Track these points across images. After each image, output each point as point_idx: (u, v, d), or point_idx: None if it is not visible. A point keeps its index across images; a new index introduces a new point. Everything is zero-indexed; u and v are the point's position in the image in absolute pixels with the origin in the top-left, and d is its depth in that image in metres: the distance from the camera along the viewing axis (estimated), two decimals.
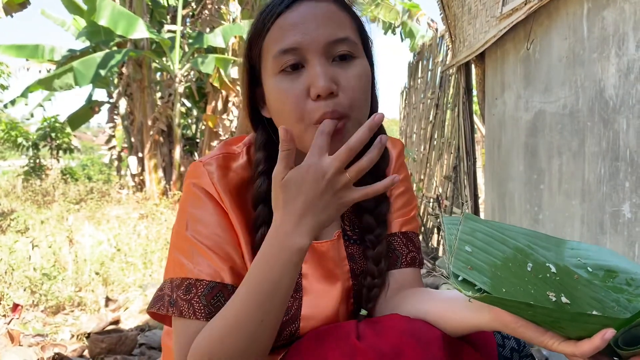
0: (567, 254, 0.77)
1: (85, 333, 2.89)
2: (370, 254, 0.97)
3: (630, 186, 1.70)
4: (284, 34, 0.84)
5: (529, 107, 2.58)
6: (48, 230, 5.58)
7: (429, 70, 5.52)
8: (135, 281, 4.04)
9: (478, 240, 0.75)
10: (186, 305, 0.86)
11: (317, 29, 0.84)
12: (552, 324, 0.67)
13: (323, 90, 0.81)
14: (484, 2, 3.10)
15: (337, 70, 0.84)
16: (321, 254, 0.96)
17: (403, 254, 1.01)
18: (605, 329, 0.62)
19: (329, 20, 0.85)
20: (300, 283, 0.95)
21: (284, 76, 0.84)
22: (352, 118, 0.84)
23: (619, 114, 1.75)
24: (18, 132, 13.07)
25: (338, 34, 0.85)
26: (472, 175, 4.06)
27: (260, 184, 0.91)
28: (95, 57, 8.49)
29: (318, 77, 0.82)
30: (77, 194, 9.60)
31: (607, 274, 0.75)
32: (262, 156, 0.92)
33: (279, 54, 0.84)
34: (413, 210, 1.06)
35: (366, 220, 0.98)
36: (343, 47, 0.85)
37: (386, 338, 0.80)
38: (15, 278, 3.71)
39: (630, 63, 1.68)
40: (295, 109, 0.83)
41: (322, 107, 0.82)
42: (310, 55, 0.83)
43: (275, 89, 0.85)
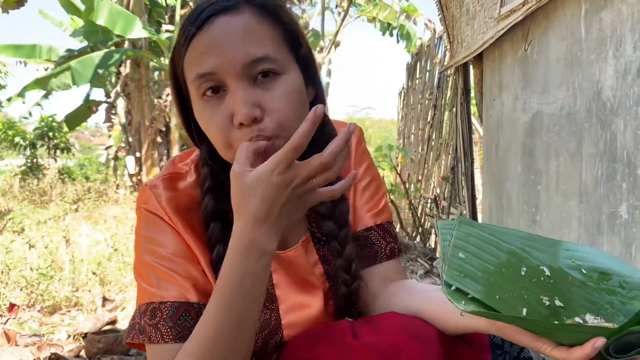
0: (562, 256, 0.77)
1: (82, 333, 2.88)
2: (340, 263, 0.94)
3: (627, 187, 1.70)
4: (199, 56, 0.80)
5: (526, 108, 2.59)
6: (45, 230, 5.57)
7: (427, 71, 5.53)
8: (132, 281, 4.03)
9: (472, 246, 0.75)
10: (153, 331, 0.84)
11: (232, 50, 0.78)
12: (545, 332, 0.68)
13: (245, 118, 0.77)
14: (482, 3, 3.10)
15: (259, 93, 0.79)
16: (289, 261, 0.94)
17: (382, 247, 0.99)
18: (596, 338, 0.63)
19: (245, 38, 0.79)
20: (274, 294, 0.92)
21: (206, 102, 0.81)
22: (283, 137, 0.79)
23: (617, 115, 1.75)
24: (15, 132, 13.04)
25: (256, 53, 0.79)
26: (469, 176, 4.06)
27: (207, 201, 0.88)
28: (93, 57, 8.48)
29: (238, 105, 0.77)
30: (74, 193, 9.58)
31: (601, 276, 0.76)
32: (207, 172, 0.89)
33: (196, 78, 0.80)
34: (383, 198, 1.03)
35: (327, 227, 0.94)
36: (263, 66, 0.79)
37: (383, 336, 0.79)
38: (11, 278, 3.70)
39: (628, 64, 1.69)
40: (222, 137, 0.80)
41: (246, 134, 0.78)
42: (228, 79, 0.79)
43: (200, 114, 0.83)
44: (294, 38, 0.86)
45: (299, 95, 0.83)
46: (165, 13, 10.84)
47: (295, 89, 0.83)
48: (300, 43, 0.87)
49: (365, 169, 1.01)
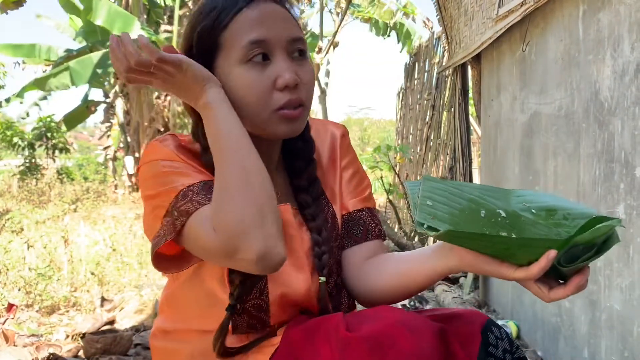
0: (514, 201, 0.90)
1: (81, 333, 2.88)
2: (312, 225, 1.02)
3: (624, 188, 1.71)
4: (252, 26, 0.92)
5: (524, 109, 2.59)
6: (43, 230, 5.57)
7: (426, 71, 5.53)
8: (130, 281, 4.04)
9: (437, 196, 0.88)
10: (189, 205, 0.87)
11: (280, 26, 0.94)
12: (505, 252, 0.80)
13: (291, 81, 0.91)
14: (480, 3, 3.11)
15: (296, 66, 0.94)
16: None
17: (372, 227, 1.08)
18: (549, 251, 0.76)
19: (287, 21, 0.96)
20: None
21: (252, 66, 0.92)
22: (306, 107, 0.96)
23: (614, 115, 1.76)
24: (14, 132, 13.02)
25: (296, 33, 0.96)
26: (467, 176, 4.07)
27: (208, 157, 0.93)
28: (92, 57, 8.48)
29: (286, 70, 0.92)
30: (73, 193, 9.57)
31: (547, 213, 0.89)
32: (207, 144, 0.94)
33: (247, 44, 0.91)
34: (368, 188, 1.14)
35: (303, 198, 1.04)
36: (300, 45, 0.95)
37: (378, 328, 0.80)
38: (10, 278, 3.70)
39: (625, 65, 1.69)
40: (262, 98, 0.92)
41: (287, 95, 0.92)
42: (275, 49, 0.93)
43: (242, 77, 0.92)
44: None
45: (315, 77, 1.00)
46: (164, 13, 10.84)
47: (313, 71, 0.99)
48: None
49: (349, 161, 1.12)
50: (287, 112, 0.93)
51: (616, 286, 1.76)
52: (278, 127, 0.94)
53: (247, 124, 0.93)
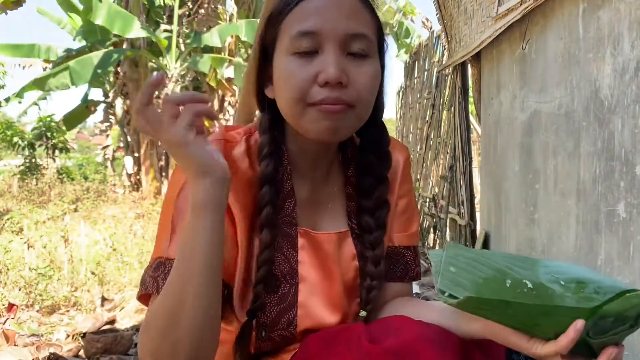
0: (542, 272, 0.84)
1: (81, 333, 2.88)
2: (370, 255, 0.96)
3: (625, 186, 1.70)
4: (306, 16, 0.84)
5: (524, 107, 2.59)
6: (43, 230, 5.56)
7: (425, 70, 5.52)
8: (131, 281, 4.03)
9: (461, 263, 0.83)
10: (151, 282, 0.85)
11: (339, 18, 0.84)
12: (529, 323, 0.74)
13: (333, 78, 0.81)
14: (480, 2, 3.10)
15: (349, 64, 0.84)
16: (318, 245, 0.96)
17: (412, 268, 1.04)
18: (576, 321, 0.69)
19: (352, 14, 0.85)
20: (296, 269, 0.94)
21: (297, 58, 0.84)
22: (356, 110, 0.85)
23: (614, 114, 1.76)
24: (14, 132, 13.02)
25: (358, 29, 0.85)
26: (468, 175, 4.06)
27: (266, 165, 0.90)
28: (92, 57, 8.48)
29: (330, 65, 0.82)
30: (73, 193, 9.57)
31: (577, 285, 0.82)
32: (267, 139, 0.92)
33: (297, 35, 0.84)
34: (417, 223, 1.07)
35: (365, 221, 0.98)
36: (360, 44, 0.85)
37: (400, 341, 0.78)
38: (10, 278, 3.70)
39: (626, 63, 1.69)
40: (299, 89, 0.83)
41: (326, 92, 0.83)
42: (327, 42, 0.84)
43: (285, 67, 0.85)
44: (382, 37, 0.93)
45: (377, 82, 0.89)
46: (164, 13, 10.83)
47: (377, 74, 0.89)
48: (385, 44, 0.93)
49: (407, 190, 1.05)
50: (325, 105, 0.83)
51: None
52: (312, 124, 0.85)
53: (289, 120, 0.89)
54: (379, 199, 0.98)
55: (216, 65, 8.99)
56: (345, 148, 1.01)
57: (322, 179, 0.99)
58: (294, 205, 0.95)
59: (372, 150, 0.98)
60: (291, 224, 0.95)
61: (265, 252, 0.90)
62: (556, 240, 2.23)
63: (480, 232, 3.51)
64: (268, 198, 0.90)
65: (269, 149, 0.91)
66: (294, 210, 0.95)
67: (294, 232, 0.95)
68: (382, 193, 0.98)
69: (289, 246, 0.94)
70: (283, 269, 0.93)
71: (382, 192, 0.98)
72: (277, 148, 0.93)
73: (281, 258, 0.93)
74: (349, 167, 1.01)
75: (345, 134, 0.89)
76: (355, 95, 0.84)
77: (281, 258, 0.93)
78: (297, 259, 0.94)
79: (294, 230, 0.95)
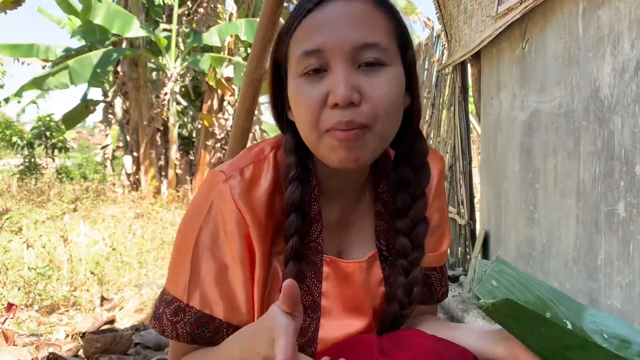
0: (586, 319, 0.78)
1: (80, 333, 2.88)
2: (402, 282, 0.89)
3: (625, 185, 1.70)
4: (311, 33, 0.78)
5: (524, 107, 2.59)
6: (43, 230, 5.56)
7: (425, 69, 5.51)
8: (130, 280, 4.03)
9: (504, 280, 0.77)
10: (170, 327, 0.84)
11: (344, 31, 0.76)
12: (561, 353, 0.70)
13: (342, 99, 0.74)
14: (480, 1, 3.10)
15: (361, 78, 0.76)
16: (346, 274, 0.90)
17: (438, 290, 0.99)
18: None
19: (360, 22, 0.77)
20: (319, 303, 0.88)
21: (306, 79, 0.78)
22: (375, 129, 0.77)
23: (614, 113, 1.75)
24: (13, 131, 13.02)
25: (367, 39, 0.77)
26: (468, 174, 4.06)
27: (293, 190, 0.83)
28: (91, 56, 8.47)
29: (338, 84, 0.74)
30: (72, 193, 9.57)
31: (621, 343, 0.76)
32: (293, 161, 0.85)
33: (302, 55, 0.78)
34: (447, 241, 1.00)
35: (400, 243, 0.89)
36: (371, 53, 0.77)
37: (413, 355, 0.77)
38: (9, 277, 3.70)
39: (625, 62, 1.69)
40: (311, 115, 0.77)
41: (337, 116, 0.75)
42: (334, 59, 0.76)
43: (295, 91, 0.79)
44: (404, 37, 0.84)
45: (399, 90, 0.80)
46: (163, 12, 10.83)
47: (397, 83, 0.80)
48: (408, 44, 0.84)
49: (440, 205, 0.98)
50: (339, 132, 0.75)
51: (617, 284, 1.76)
52: (330, 153, 0.77)
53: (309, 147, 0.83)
54: (416, 217, 0.89)
55: (215, 65, 8.98)
56: (376, 162, 0.93)
57: (353, 202, 0.92)
58: (321, 231, 0.88)
59: (407, 163, 0.89)
60: (317, 251, 0.88)
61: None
62: (556, 240, 2.22)
63: (479, 231, 3.51)
64: (295, 227, 0.84)
65: (296, 172, 0.84)
66: (319, 236, 0.88)
67: (319, 261, 0.88)
68: (419, 210, 0.89)
69: (312, 276, 0.88)
70: (305, 302, 0.87)
71: (419, 209, 0.89)
72: (305, 169, 0.87)
73: (304, 290, 0.87)
74: (379, 183, 0.94)
75: (368, 159, 0.79)
76: (371, 112, 0.75)
77: (304, 290, 0.87)
78: (320, 291, 0.88)
79: (319, 259, 0.88)
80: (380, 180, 0.93)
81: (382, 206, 0.93)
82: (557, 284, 2.20)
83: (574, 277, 2.06)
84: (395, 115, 0.80)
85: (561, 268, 2.17)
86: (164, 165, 10.52)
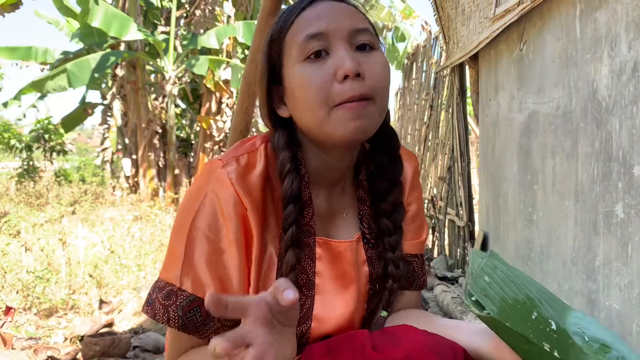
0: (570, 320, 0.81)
1: (79, 336, 2.87)
2: (391, 257, 0.97)
3: (623, 186, 1.70)
4: (310, 22, 0.86)
5: (522, 108, 2.59)
6: (41, 233, 5.55)
7: (423, 71, 5.52)
8: (129, 283, 4.03)
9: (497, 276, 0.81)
10: (162, 311, 0.85)
11: (341, 19, 0.87)
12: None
13: (351, 70, 0.82)
14: (477, 3, 3.11)
15: (360, 57, 0.86)
16: (338, 253, 0.96)
17: (419, 276, 1.05)
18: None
19: (351, 14, 0.88)
20: (313, 281, 0.93)
21: (310, 63, 0.85)
22: (376, 102, 0.85)
23: (612, 114, 1.76)
24: (11, 134, 13.00)
25: (360, 24, 0.87)
26: (466, 176, 4.06)
27: (290, 182, 0.89)
28: (89, 59, 8.46)
29: (345, 59, 0.83)
30: (70, 196, 9.56)
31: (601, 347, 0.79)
32: (287, 155, 0.90)
33: (305, 39, 0.85)
34: (425, 231, 1.07)
35: (384, 224, 0.98)
36: (364, 37, 0.87)
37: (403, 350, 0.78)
38: (7, 281, 3.69)
39: (623, 64, 1.69)
40: (321, 92, 0.83)
41: (348, 89, 0.82)
42: (335, 41, 0.85)
43: (300, 75, 0.85)
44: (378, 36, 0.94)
45: (389, 72, 0.90)
46: (161, 15, 10.82)
47: (387, 64, 0.90)
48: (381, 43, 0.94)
49: (416, 197, 1.06)
50: (349, 104, 0.83)
51: (615, 285, 1.76)
52: (341, 125, 0.83)
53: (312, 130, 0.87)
54: (395, 202, 0.98)
55: (213, 67, 8.98)
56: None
57: (338, 189, 0.99)
58: (312, 214, 0.94)
59: (384, 154, 0.99)
60: (309, 233, 0.94)
61: (291, 275, 0.89)
62: (554, 241, 2.23)
63: (478, 233, 3.51)
64: (293, 217, 0.88)
65: (291, 165, 0.90)
66: (312, 220, 0.94)
67: (312, 242, 0.94)
68: (397, 196, 0.98)
69: (306, 257, 0.93)
70: (300, 281, 0.93)
71: (396, 195, 0.98)
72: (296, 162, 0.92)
73: (299, 269, 0.92)
74: (359, 172, 1.02)
75: (372, 130, 0.87)
76: (373, 86, 0.85)
77: (299, 269, 0.92)
78: (314, 270, 0.94)
79: (312, 240, 0.94)
80: (360, 169, 1.01)
81: (363, 192, 1.01)
82: (555, 285, 2.20)
83: (573, 278, 2.06)
84: (388, 92, 0.90)
85: (560, 269, 2.17)
86: (163, 167, 10.51)
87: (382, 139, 0.99)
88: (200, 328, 0.86)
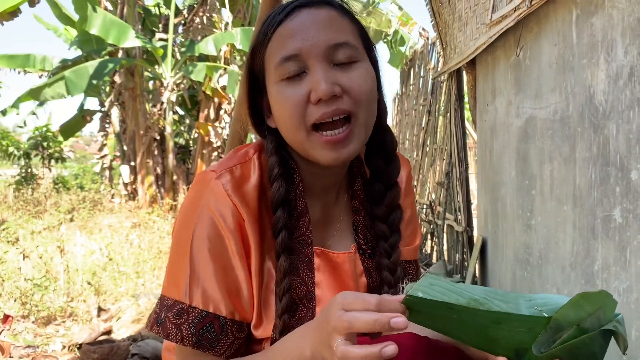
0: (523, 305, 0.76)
1: (77, 344, 2.86)
2: (386, 263, 0.95)
3: (620, 191, 1.71)
4: (285, 41, 0.84)
5: (520, 113, 2.60)
6: (39, 240, 5.54)
7: (421, 77, 5.54)
8: (127, 291, 4.01)
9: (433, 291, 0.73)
10: (174, 330, 0.84)
11: (317, 34, 0.84)
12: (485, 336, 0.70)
13: (324, 93, 0.81)
14: (474, 9, 3.12)
15: (339, 74, 0.84)
16: (336, 264, 0.95)
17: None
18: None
19: (329, 25, 0.85)
20: (313, 292, 0.93)
21: (287, 83, 0.84)
22: (359, 117, 0.84)
23: (609, 119, 1.76)
24: (9, 142, 13.00)
25: (338, 39, 0.85)
26: (464, 181, 4.07)
27: (278, 187, 0.88)
28: (88, 67, 8.47)
29: (319, 81, 0.81)
30: (69, 203, 9.55)
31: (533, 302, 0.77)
32: (275, 160, 0.90)
33: (280, 61, 0.84)
34: (419, 236, 1.07)
35: (380, 228, 0.96)
36: (344, 52, 0.85)
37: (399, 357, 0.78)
38: (5, 289, 3.68)
39: (619, 69, 1.70)
40: (295, 113, 0.83)
41: (322, 110, 0.82)
42: (311, 60, 0.83)
43: (277, 96, 0.85)
44: (367, 39, 0.92)
45: (373, 83, 0.88)
46: (159, 22, 10.85)
47: (370, 75, 0.88)
48: (372, 44, 0.93)
49: (410, 202, 1.05)
50: (328, 137, 0.83)
51: (614, 289, 1.76)
52: (320, 152, 0.84)
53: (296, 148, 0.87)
54: (392, 204, 0.96)
55: (211, 74, 8.99)
56: (351, 162, 1.00)
57: (333, 199, 0.98)
58: (309, 224, 0.94)
59: (378, 155, 0.97)
60: (307, 243, 0.93)
61: (285, 280, 0.88)
62: (553, 246, 2.23)
63: (477, 238, 3.51)
64: (283, 222, 0.88)
65: (279, 170, 0.89)
66: (308, 229, 0.93)
67: (310, 252, 0.93)
68: (393, 198, 0.97)
69: (305, 268, 0.92)
70: (300, 293, 0.92)
71: (393, 196, 0.97)
72: (287, 168, 0.92)
73: (298, 281, 0.91)
74: (354, 181, 1.01)
75: (356, 151, 0.87)
76: (353, 101, 0.83)
77: (298, 281, 0.91)
78: (313, 281, 0.93)
79: (309, 251, 0.93)
80: (355, 179, 1.00)
81: (358, 202, 1.00)
82: (554, 290, 2.20)
83: (572, 283, 2.06)
84: (373, 104, 0.88)
85: (558, 274, 2.17)
86: (161, 174, 10.50)
87: (378, 138, 0.97)
88: (215, 344, 0.85)
